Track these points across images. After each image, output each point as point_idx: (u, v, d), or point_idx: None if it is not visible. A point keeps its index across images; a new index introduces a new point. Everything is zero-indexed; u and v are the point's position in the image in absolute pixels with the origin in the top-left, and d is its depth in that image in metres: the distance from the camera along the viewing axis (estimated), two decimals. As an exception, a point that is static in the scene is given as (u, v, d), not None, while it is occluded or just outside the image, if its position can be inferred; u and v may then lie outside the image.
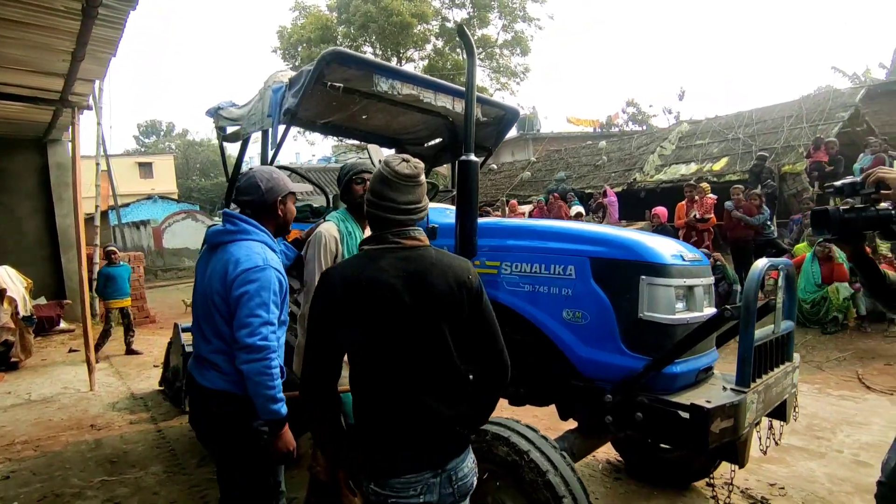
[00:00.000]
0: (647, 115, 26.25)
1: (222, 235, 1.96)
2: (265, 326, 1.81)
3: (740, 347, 2.14)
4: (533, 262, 2.69)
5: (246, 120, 3.96)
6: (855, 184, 1.95)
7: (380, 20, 14.28)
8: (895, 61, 20.23)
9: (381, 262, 1.51)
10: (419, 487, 1.48)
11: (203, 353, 1.95)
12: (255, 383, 1.79)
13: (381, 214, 1.57)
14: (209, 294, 1.89)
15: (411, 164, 1.59)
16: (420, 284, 1.50)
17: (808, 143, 9.61)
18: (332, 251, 2.43)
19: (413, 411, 1.50)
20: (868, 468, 3.61)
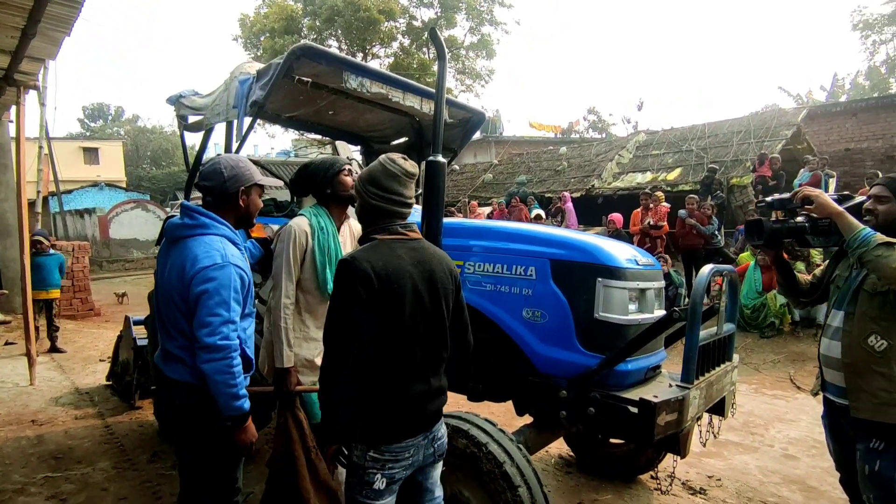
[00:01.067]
0: (607, 123, 27.04)
1: (181, 230, 1.92)
2: (226, 325, 1.79)
3: (686, 346, 2.29)
4: (495, 263, 2.78)
5: (210, 110, 3.89)
6: (784, 199, 2.25)
7: (346, 14, 14.14)
8: (833, 85, 21.71)
9: (399, 251, 1.70)
10: (412, 450, 1.72)
11: (168, 347, 1.93)
12: (216, 382, 1.78)
13: (388, 207, 1.75)
14: (169, 290, 1.87)
15: (411, 163, 1.80)
16: (428, 273, 1.72)
17: (754, 158, 10.17)
18: (301, 245, 2.43)
19: (418, 386, 1.72)
20: (795, 461, 3.90)
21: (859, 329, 2.03)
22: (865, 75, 21.10)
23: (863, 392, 2.01)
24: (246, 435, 1.90)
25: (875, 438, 1.98)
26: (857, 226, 1.97)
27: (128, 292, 12.20)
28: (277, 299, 2.37)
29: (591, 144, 17.28)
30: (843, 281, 2.17)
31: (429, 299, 1.71)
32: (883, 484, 1.96)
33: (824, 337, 2.22)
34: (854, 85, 21.26)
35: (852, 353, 2.04)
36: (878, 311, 1.99)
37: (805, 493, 3.42)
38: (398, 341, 1.67)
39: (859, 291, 2.06)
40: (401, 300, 1.64)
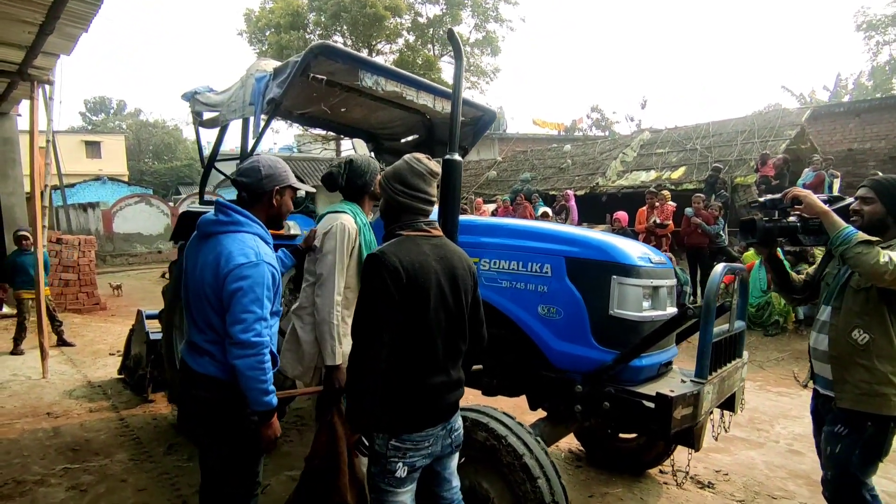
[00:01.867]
0: (611, 121, 27.01)
1: (214, 226, 1.96)
2: (259, 322, 1.84)
3: (700, 343, 2.34)
4: (511, 260, 2.83)
5: (225, 107, 3.93)
6: (775, 199, 2.39)
7: (353, 10, 14.14)
8: (837, 85, 21.70)
9: (424, 247, 1.76)
10: (431, 439, 1.79)
11: (196, 340, 1.97)
12: (248, 377, 1.83)
13: (413, 204, 1.83)
14: (200, 285, 1.91)
15: (435, 162, 1.89)
16: (451, 269, 1.80)
17: (758, 158, 10.20)
18: (351, 243, 2.48)
19: (440, 377, 1.79)
20: (800, 456, 3.96)
21: (844, 323, 2.15)
22: (869, 76, 21.11)
23: (847, 383, 2.14)
24: (272, 430, 1.95)
25: (841, 424, 2.15)
26: (840, 224, 2.09)
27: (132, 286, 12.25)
28: (328, 296, 2.39)
29: (595, 142, 17.29)
30: (832, 278, 2.30)
31: (451, 294, 1.78)
32: (840, 465, 2.17)
33: (813, 331, 2.36)
34: (857, 85, 21.27)
35: (838, 346, 2.17)
36: (862, 307, 2.12)
37: (811, 488, 3.48)
38: (422, 335, 1.73)
39: (846, 288, 2.18)
40: (426, 295, 1.70)
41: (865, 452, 2.13)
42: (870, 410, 2.09)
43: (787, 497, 3.37)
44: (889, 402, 2.07)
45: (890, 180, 2.22)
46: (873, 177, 2.32)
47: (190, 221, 4.15)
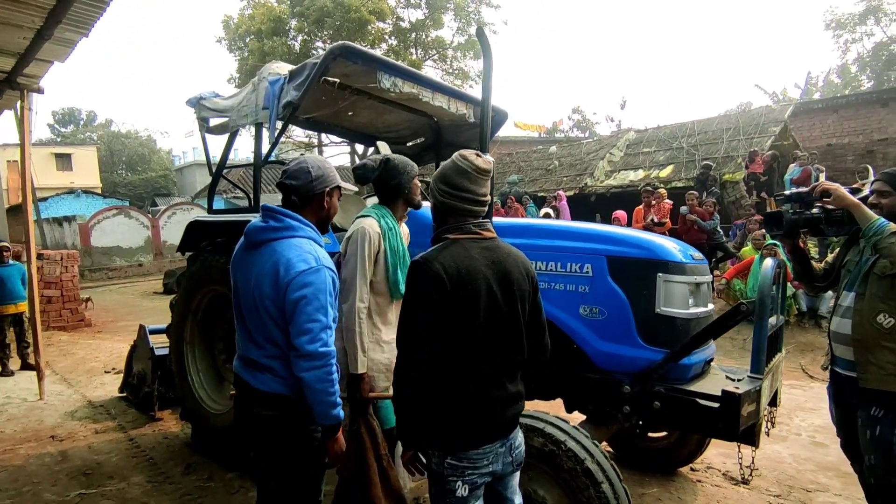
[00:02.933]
0: (591, 122, 27.31)
1: (265, 232, 1.86)
2: (325, 331, 1.75)
3: (755, 338, 2.33)
4: (549, 261, 2.78)
5: (235, 112, 3.82)
6: (802, 193, 2.46)
7: (336, 16, 14.02)
8: (807, 83, 22.32)
9: (473, 251, 1.64)
10: (490, 457, 1.67)
11: (254, 356, 1.87)
12: (317, 391, 1.74)
13: (459, 205, 1.69)
14: (257, 298, 1.80)
15: (485, 159, 1.72)
16: (504, 274, 1.67)
17: (744, 154, 10.39)
18: (374, 247, 2.39)
19: (494, 391, 1.67)
20: (825, 448, 3.98)
21: (869, 308, 2.24)
22: (838, 73, 21.75)
23: (871, 365, 2.22)
24: (339, 443, 1.86)
25: (875, 406, 2.22)
26: (872, 216, 2.21)
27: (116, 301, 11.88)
28: (352, 303, 2.32)
29: (580, 143, 17.45)
30: (853, 265, 2.37)
31: (504, 301, 1.66)
32: (882, 446, 2.20)
33: (835, 316, 2.42)
34: (827, 82, 21.90)
35: (862, 329, 2.25)
36: (886, 293, 2.20)
37: (842, 479, 3.50)
38: (472, 345, 1.63)
39: (869, 275, 2.26)
40: (474, 302, 1.60)
41: None
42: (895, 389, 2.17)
43: (821, 490, 3.38)
44: None
45: None
46: (888, 170, 2.41)
47: (200, 231, 4.04)
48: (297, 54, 15.54)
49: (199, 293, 3.91)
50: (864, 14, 22.12)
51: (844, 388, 2.40)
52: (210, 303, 3.93)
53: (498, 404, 1.69)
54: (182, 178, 33.03)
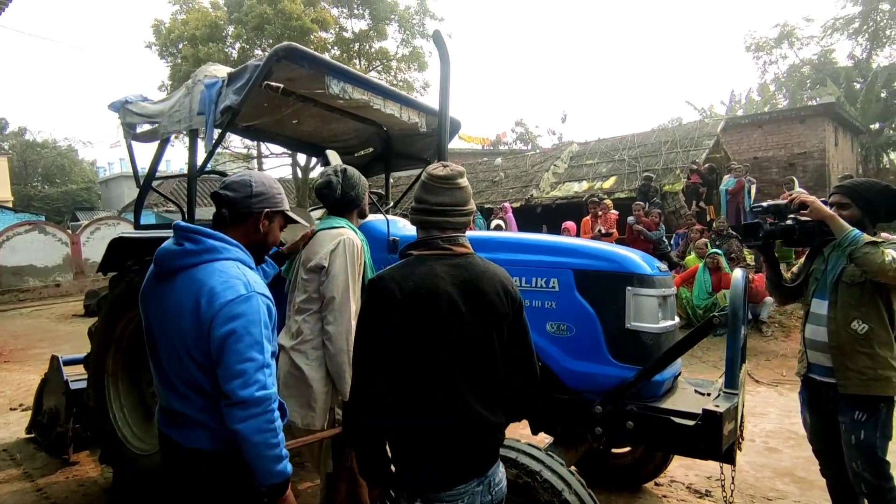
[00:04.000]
0: (534, 135, 27.94)
1: (181, 258, 1.55)
2: (262, 371, 1.47)
3: (729, 352, 2.26)
4: (513, 276, 2.63)
5: (166, 117, 3.46)
6: (778, 205, 2.51)
7: (277, 23, 13.55)
8: (731, 100, 23.82)
9: (436, 268, 1.51)
10: (466, 498, 1.51)
11: (178, 408, 1.57)
12: (257, 444, 1.44)
13: (419, 218, 1.61)
14: (175, 338, 1.51)
15: (448, 168, 1.62)
16: (474, 292, 1.52)
17: (682, 166, 10.83)
18: (359, 262, 2.22)
19: (465, 420, 1.51)
20: (779, 453, 4.05)
21: (843, 316, 2.32)
22: (758, 92, 23.32)
23: (849, 371, 2.30)
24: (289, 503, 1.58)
25: (858, 411, 2.29)
26: (847, 227, 2.27)
27: (28, 326, 10.77)
28: (344, 322, 2.11)
29: (525, 155, 17.72)
30: (820, 273, 2.47)
31: (476, 322, 1.51)
32: (868, 450, 2.28)
33: (809, 324, 2.49)
34: (749, 100, 23.43)
35: (838, 336, 2.33)
36: (858, 300, 2.31)
37: (798, 485, 3.55)
38: (437, 369, 1.48)
39: (839, 283, 2.36)
40: (434, 324, 1.46)
41: (882, 433, 2.30)
42: (877, 393, 2.27)
43: (780, 497, 3.40)
44: (891, 383, 2.28)
45: (859, 184, 2.46)
46: (842, 183, 2.53)
47: (124, 249, 3.62)
48: (234, 62, 14.90)
49: (124, 318, 3.50)
50: (779, 38, 23.96)
51: (822, 394, 2.46)
52: (137, 329, 3.52)
53: (472, 437, 1.52)
54: (107, 191, 30.88)
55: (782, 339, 6.85)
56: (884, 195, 2.41)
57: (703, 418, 2.06)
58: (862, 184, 2.48)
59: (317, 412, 2.11)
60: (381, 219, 3.02)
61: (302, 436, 2.03)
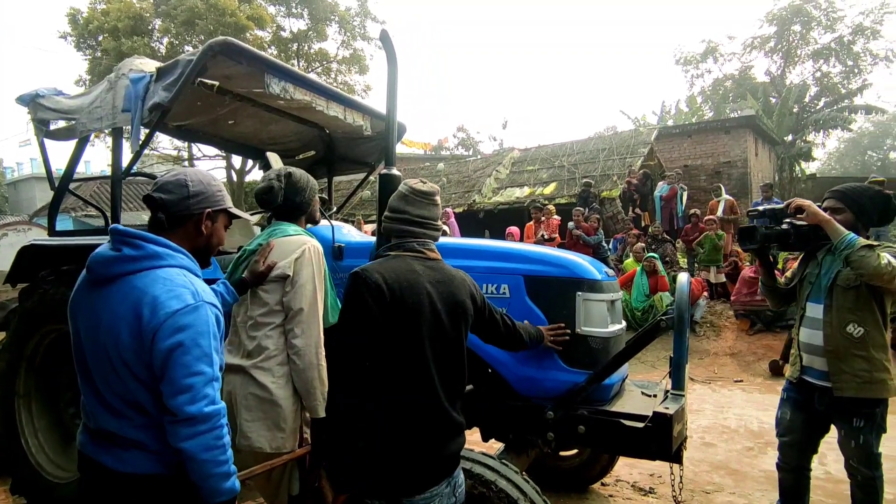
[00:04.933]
0: (475, 140, 28.27)
1: (119, 264, 1.41)
2: (210, 385, 1.36)
3: (676, 354, 2.32)
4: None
5: (86, 114, 3.18)
6: (775, 209, 2.55)
7: (209, 18, 12.93)
8: (662, 111, 25.09)
9: (415, 266, 1.59)
10: (436, 500, 1.53)
11: (112, 427, 1.41)
12: (204, 462, 1.33)
13: (397, 226, 1.69)
14: (111, 351, 1.37)
15: (429, 184, 1.75)
16: (449, 294, 1.60)
17: (619, 173, 11.25)
18: (321, 267, 2.12)
19: (438, 421, 1.55)
20: (714, 447, 4.24)
21: (838, 319, 2.35)
22: (686, 103, 24.70)
23: (845, 374, 2.33)
24: None
25: (856, 417, 2.35)
26: (843, 231, 2.29)
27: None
28: (313, 334, 1.99)
29: (467, 161, 17.85)
30: (814, 277, 2.50)
31: (449, 323, 1.58)
32: (867, 451, 2.37)
33: (804, 327, 2.52)
34: (678, 111, 24.77)
35: (834, 340, 2.36)
36: (854, 303, 2.34)
37: (732, 477, 3.72)
38: (415, 367, 1.52)
39: (834, 287, 2.39)
40: (416, 318, 1.51)
41: (877, 433, 2.39)
42: (873, 396, 2.32)
43: (717, 489, 3.54)
44: (887, 385, 2.32)
45: (852, 189, 2.50)
46: (837, 188, 2.55)
47: (37, 257, 3.29)
48: (162, 57, 14.09)
49: (38, 334, 3.18)
50: (704, 53, 25.53)
51: (814, 396, 2.48)
52: (52, 346, 3.21)
53: (444, 437, 1.57)
54: (16, 194, 28.27)
55: (713, 339, 7.24)
56: (875, 200, 2.45)
57: (653, 420, 2.09)
58: (855, 189, 2.50)
59: (287, 433, 1.96)
60: (326, 224, 2.91)
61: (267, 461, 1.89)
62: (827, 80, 23.46)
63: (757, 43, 24.57)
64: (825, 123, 21.18)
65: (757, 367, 6.55)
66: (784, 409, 2.66)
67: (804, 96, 21.57)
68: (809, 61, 24.13)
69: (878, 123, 38.51)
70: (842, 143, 41.14)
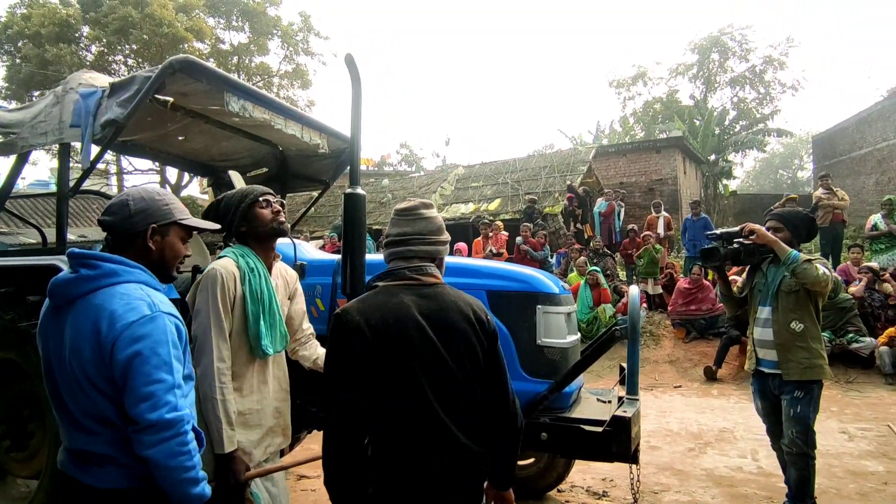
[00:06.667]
0: (418, 157, 28.51)
1: (77, 285, 1.43)
2: (171, 393, 1.37)
3: (629, 361, 2.49)
4: (427, 298, 2.68)
5: (28, 128, 3.04)
6: (731, 232, 3.05)
7: (145, 28, 12.42)
8: (598, 130, 26.34)
9: (404, 298, 1.48)
10: None
11: (84, 446, 1.41)
12: (170, 469, 1.35)
13: (385, 252, 1.63)
14: (77, 370, 1.38)
15: (412, 201, 1.66)
16: (444, 322, 1.48)
17: (560, 189, 11.72)
18: (230, 293, 1.98)
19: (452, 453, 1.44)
20: (659, 450, 4.49)
21: (783, 318, 2.88)
22: (620, 123, 26.10)
23: (791, 362, 2.85)
24: None
25: (797, 390, 2.85)
26: (788, 249, 2.83)
27: None
28: (207, 365, 1.89)
29: (412, 177, 18.00)
30: (762, 286, 3.02)
31: (448, 354, 1.45)
32: (801, 421, 2.83)
33: (756, 327, 3.03)
34: (612, 131, 26.10)
35: (781, 335, 2.88)
36: (794, 305, 2.87)
37: (677, 477, 3.96)
38: (415, 404, 1.42)
39: (779, 292, 2.92)
40: (406, 354, 1.42)
41: (813, 407, 2.87)
42: (812, 378, 2.85)
43: (664, 489, 3.76)
44: (823, 370, 2.86)
45: (788, 213, 3.12)
46: (774, 211, 3.18)
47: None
48: (90, 66, 13.39)
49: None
50: (635, 77, 27.15)
51: (768, 383, 2.99)
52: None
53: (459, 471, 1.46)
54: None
55: (653, 348, 7.65)
56: (805, 221, 3.06)
57: (612, 424, 2.24)
58: (791, 212, 3.16)
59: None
60: (287, 242, 2.91)
61: None
62: (743, 105, 25.52)
63: (681, 69, 26.42)
64: (743, 145, 23.00)
65: (693, 372, 6.97)
66: (755, 399, 3.16)
67: (724, 120, 23.34)
68: (728, 87, 26.20)
69: (787, 145, 42.33)
70: (758, 162, 44.80)
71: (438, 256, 1.62)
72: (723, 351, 6.68)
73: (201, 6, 14.78)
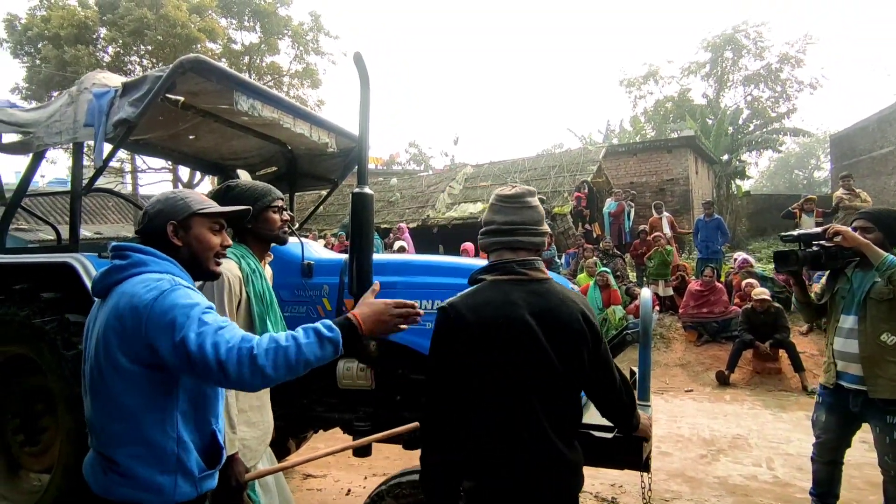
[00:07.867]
0: (427, 156, 28.52)
1: (110, 275, 1.45)
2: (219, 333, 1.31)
3: (641, 365, 2.46)
4: (421, 298, 2.65)
5: (44, 128, 3.08)
6: (811, 234, 2.77)
7: (159, 29, 12.54)
8: (607, 130, 26.18)
9: (512, 295, 1.44)
10: None
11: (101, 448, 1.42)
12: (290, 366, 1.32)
13: (487, 240, 1.56)
14: (100, 354, 1.38)
15: (516, 188, 1.59)
16: (554, 322, 1.44)
17: (570, 189, 11.64)
18: (236, 296, 1.98)
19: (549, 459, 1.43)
20: (670, 456, 4.45)
21: (873, 329, 2.55)
22: (630, 123, 25.89)
23: (880, 378, 2.52)
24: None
25: (889, 415, 2.53)
26: (882, 253, 2.52)
27: None
28: None
29: (420, 176, 17.99)
30: (846, 292, 2.70)
31: (556, 352, 1.42)
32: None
33: (838, 337, 2.72)
34: (622, 130, 25.92)
35: (869, 348, 2.55)
36: (887, 314, 2.53)
37: (689, 484, 3.90)
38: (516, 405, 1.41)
39: (867, 300, 2.58)
40: (512, 354, 1.39)
41: None
42: None
43: (676, 497, 3.72)
44: None
45: (880, 212, 2.78)
46: (867, 210, 2.84)
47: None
48: (107, 67, 13.56)
49: (-22, 358, 3.00)
50: (646, 76, 26.95)
51: (848, 399, 2.68)
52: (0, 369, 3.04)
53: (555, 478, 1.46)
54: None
55: (664, 351, 7.57)
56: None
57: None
58: (882, 211, 2.82)
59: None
60: (295, 241, 2.92)
61: None
62: (758, 103, 25.18)
63: (694, 67, 26.15)
64: (757, 144, 22.71)
65: (705, 376, 6.89)
66: (818, 412, 2.88)
67: (738, 119, 23.09)
68: (741, 86, 25.88)
69: (803, 145, 41.73)
70: (772, 162, 44.22)
71: (542, 249, 1.58)
72: (736, 355, 6.57)
73: (214, 7, 14.91)
